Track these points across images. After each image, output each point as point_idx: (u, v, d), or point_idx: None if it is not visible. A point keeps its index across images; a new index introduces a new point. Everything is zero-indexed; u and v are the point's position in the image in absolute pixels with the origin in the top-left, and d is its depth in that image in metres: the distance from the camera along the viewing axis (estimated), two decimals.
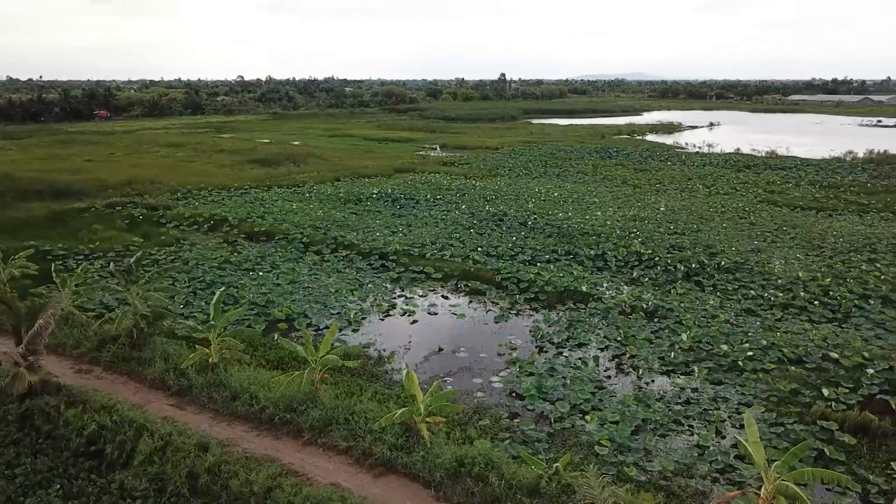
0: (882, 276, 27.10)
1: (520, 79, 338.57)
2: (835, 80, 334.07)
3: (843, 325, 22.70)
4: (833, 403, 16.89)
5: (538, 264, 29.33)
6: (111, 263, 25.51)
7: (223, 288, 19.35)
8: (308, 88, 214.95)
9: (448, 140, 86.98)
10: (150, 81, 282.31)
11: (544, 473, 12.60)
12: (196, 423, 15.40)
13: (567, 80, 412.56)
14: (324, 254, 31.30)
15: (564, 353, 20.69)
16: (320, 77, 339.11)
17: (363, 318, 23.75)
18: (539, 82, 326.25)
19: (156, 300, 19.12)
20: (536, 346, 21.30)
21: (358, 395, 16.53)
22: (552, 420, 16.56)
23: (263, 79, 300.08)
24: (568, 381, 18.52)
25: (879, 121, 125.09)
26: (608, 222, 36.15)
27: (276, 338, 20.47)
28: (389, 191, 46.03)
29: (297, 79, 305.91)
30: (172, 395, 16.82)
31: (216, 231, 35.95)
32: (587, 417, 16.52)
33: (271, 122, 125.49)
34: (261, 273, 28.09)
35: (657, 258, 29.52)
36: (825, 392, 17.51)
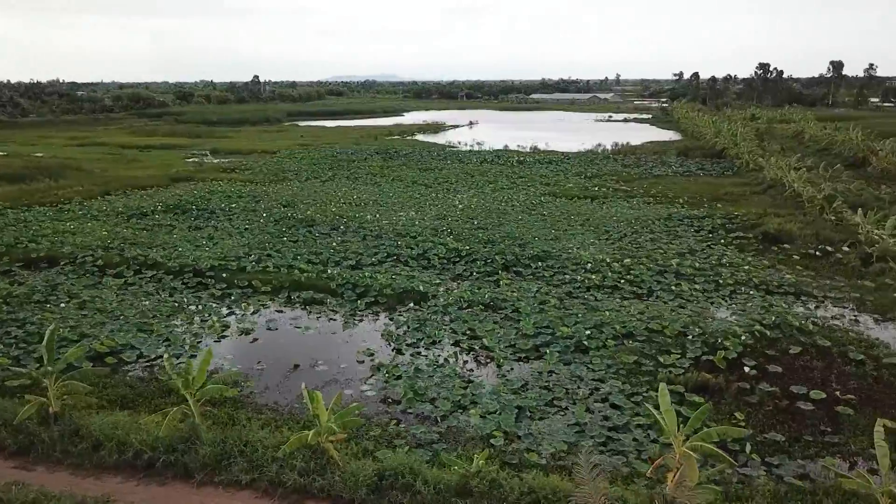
0: (666, 253, 30.95)
1: (269, 80, 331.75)
2: (563, 80, 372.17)
3: (650, 299, 25.59)
4: (672, 369, 19.11)
5: (364, 268, 29.30)
6: None
7: (52, 326, 16.80)
8: (34, 92, 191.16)
9: (217, 145, 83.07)
10: None
11: (468, 473, 12.82)
12: (55, 483, 13.34)
13: (320, 82, 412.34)
14: (126, 276, 28.39)
15: (422, 353, 20.99)
16: (43, 80, 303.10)
17: (198, 343, 22.07)
18: (293, 84, 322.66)
19: None
20: (393, 350, 21.37)
21: (241, 425, 15.42)
22: (438, 420, 16.80)
23: None
24: (437, 380, 18.88)
25: (610, 116, 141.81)
26: (417, 222, 37.05)
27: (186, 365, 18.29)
28: (176, 202, 42.94)
29: (12, 81, 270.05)
30: (12, 457, 14.35)
31: None
32: (471, 412, 16.99)
33: None
34: (61, 305, 24.81)
35: (475, 253, 30.91)
36: (662, 360, 19.72)
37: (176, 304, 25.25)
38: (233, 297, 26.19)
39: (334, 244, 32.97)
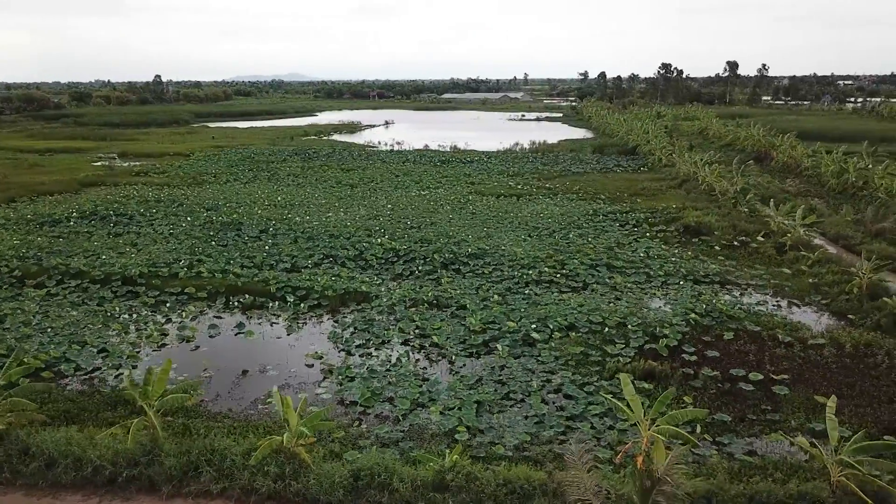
0: (596, 247, 31.94)
1: (170, 80, 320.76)
2: (472, 80, 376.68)
3: (587, 292, 26.39)
4: (619, 358, 19.83)
5: (301, 270, 28.93)
6: None
7: None
8: None
9: (126, 148, 79.66)
10: None
11: (443, 469, 12.98)
12: None
13: (224, 82, 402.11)
14: (48, 287, 27.00)
15: (373, 354, 20.98)
16: None
17: (137, 353, 21.27)
18: (197, 84, 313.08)
19: None
20: (342, 352, 21.25)
21: (201, 434, 14.99)
22: (399, 418, 16.87)
23: None
24: (393, 379, 18.92)
25: (523, 116, 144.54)
26: (348, 223, 36.79)
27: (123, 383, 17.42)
28: (91, 208, 41.02)
29: None
30: None
31: None
32: (431, 409, 17.13)
33: None
34: None
35: (412, 252, 31.02)
36: (608, 350, 20.45)
37: (108, 314, 24.24)
38: (168, 305, 25.35)
39: (266, 247, 32.35)
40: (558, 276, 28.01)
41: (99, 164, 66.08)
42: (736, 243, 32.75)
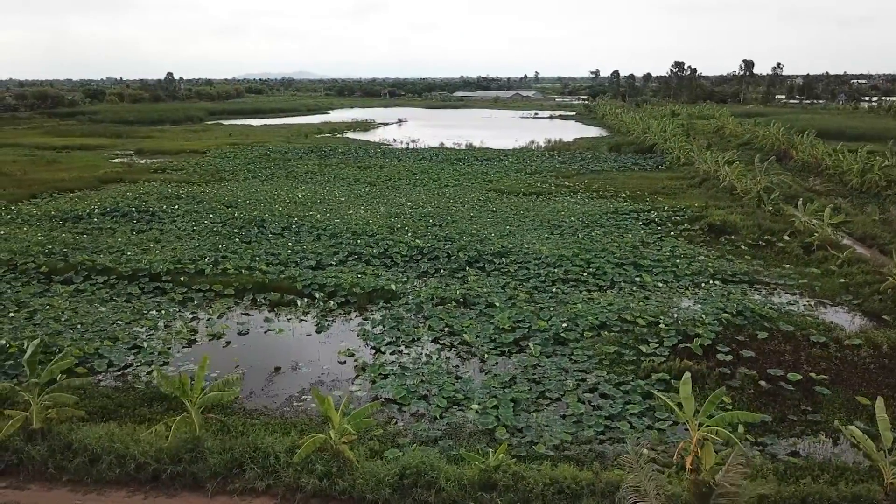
0: (620, 245, 31.75)
1: (181, 77, 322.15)
2: (482, 78, 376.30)
3: (615, 291, 26.24)
4: (653, 358, 19.67)
5: (327, 268, 28.91)
6: None
7: (37, 340, 15.78)
8: None
9: (141, 145, 79.94)
10: None
11: (489, 468, 12.89)
12: (55, 501, 12.71)
13: (234, 80, 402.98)
14: (76, 282, 27.09)
15: (403, 351, 20.93)
16: None
17: (168, 349, 21.28)
18: (208, 82, 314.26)
19: None
20: (372, 349, 21.21)
21: (240, 432, 14.97)
22: (437, 416, 16.79)
23: None
24: (427, 377, 18.85)
25: (536, 114, 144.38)
26: (370, 221, 36.73)
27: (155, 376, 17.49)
28: (113, 204, 41.15)
29: None
30: (1, 476, 13.52)
31: None
32: (470, 408, 17.05)
33: None
34: (11, 314, 23.43)
35: (437, 250, 30.93)
36: (643, 349, 20.30)
37: (136, 311, 24.29)
38: (195, 302, 25.39)
39: (290, 244, 32.35)
40: (585, 274, 27.85)
41: (117, 160, 66.35)
42: (762, 242, 32.51)
